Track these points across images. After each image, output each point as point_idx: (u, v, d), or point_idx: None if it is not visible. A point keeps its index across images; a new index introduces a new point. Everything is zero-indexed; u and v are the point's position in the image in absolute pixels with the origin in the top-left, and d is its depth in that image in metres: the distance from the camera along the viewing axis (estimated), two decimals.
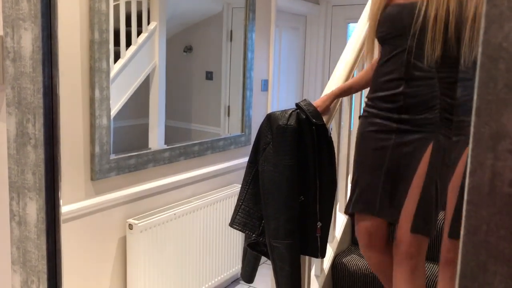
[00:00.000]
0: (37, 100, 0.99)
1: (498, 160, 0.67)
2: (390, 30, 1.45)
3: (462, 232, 0.70)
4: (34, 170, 1.03)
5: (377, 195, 1.47)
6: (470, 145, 0.68)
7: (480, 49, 0.65)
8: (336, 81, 1.83)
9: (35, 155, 1.02)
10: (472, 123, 0.66)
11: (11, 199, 1.12)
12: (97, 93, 2.03)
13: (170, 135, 2.77)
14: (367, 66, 1.67)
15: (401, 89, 1.42)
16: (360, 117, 1.57)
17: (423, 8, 1.35)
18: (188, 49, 3.23)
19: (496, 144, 0.65)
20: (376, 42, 1.54)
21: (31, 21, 0.99)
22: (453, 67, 1.37)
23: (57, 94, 0.99)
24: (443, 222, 1.53)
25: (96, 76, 2.03)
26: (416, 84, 1.40)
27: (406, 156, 1.43)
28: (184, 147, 2.58)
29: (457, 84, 1.37)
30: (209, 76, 3.19)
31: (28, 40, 0.99)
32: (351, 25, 4.02)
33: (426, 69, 1.38)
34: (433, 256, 2.01)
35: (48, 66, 0.98)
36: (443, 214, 1.54)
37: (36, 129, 1.00)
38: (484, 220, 0.67)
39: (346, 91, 1.73)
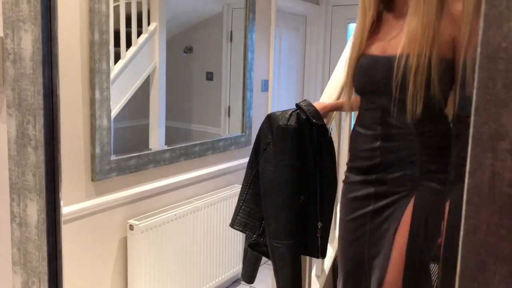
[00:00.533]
0: (37, 101, 0.99)
1: (498, 160, 0.67)
2: (364, 84, 1.35)
3: (461, 232, 0.70)
4: (34, 171, 1.04)
5: (364, 268, 1.38)
6: (470, 145, 0.68)
7: (479, 49, 0.65)
8: (336, 81, 1.83)
9: (36, 156, 1.02)
10: (472, 123, 0.66)
11: (12, 200, 1.12)
12: (97, 94, 2.04)
13: (171, 135, 2.77)
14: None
15: (377, 144, 1.33)
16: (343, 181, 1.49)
17: (403, 62, 1.24)
18: (188, 49, 3.23)
19: (495, 144, 0.66)
20: None
21: (31, 23, 0.99)
22: (436, 120, 1.29)
23: (57, 95, 1.00)
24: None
25: (96, 77, 2.03)
26: (393, 141, 1.31)
27: (387, 219, 1.33)
28: (184, 148, 2.58)
29: (440, 137, 1.29)
30: (209, 76, 3.19)
31: (28, 41, 0.99)
32: (351, 25, 4.02)
33: (404, 126, 1.29)
34: (433, 256, 2.00)
35: (48, 67, 0.99)
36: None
37: (37, 131, 1.00)
38: (483, 220, 0.67)
39: (339, 108, 1.68)
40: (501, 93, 0.63)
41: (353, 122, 2.17)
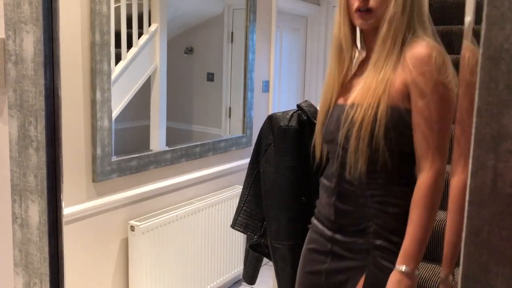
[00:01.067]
0: (38, 102, 0.99)
1: (500, 161, 0.67)
2: (324, 133, 1.27)
3: (464, 233, 0.70)
4: (36, 172, 1.04)
5: None
6: (472, 146, 0.68)
7: (481, 50, 0.65)
8: None
9: (37, 158, 1.02)
10: (474, 124, 0.66)
11: (13, 201, 1.12)
12: (98, 95, 2.04)
13: (172, 136, 2.77)
14: None
15: (332, 201, 1.23)
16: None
17: (352, 112, 1.15)
18: (189, 50, 3.23)
19: (497, 145, 0.65)
20: None
21: (33, 24, 0.99)
22: (390, 181, 1.16)
23: (58, 96, 1.00)
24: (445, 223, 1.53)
25: (97, 78, 2.03)
26: (346, 200, 1.22)
27: (340, 286, 1.25)
28: (185, 149, 2.58)
29: (395, 203, 1.16)
30: (210, 77, 3.19)
31: (29, 43, 0.99)
32: None
33: (355, 183, 1.18)
34: (434, 256, 2.00)
35: (50, 68, 0.99)
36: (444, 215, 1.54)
37: (38, 132, 1.01)
38: (486, 220, 0.67)
39: None
40: (503, 94, 0.63)
41: None
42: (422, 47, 1.11)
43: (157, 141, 2.61)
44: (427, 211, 1.09)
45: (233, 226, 1.59)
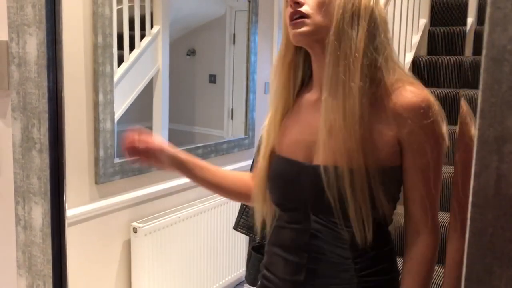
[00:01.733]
0: (42, 105, 0.99)
1: (503, 162, 0.66)
2: (287, 197, 0.99)
3: (467, 235, 0.70)
4: (39, 174, 1.04)
5: None
6: (475, 148, 0.68)
7: (484, 52, 0.65)
8: None
9: (40, 160, 1.02)
10: (477, 126, 0.66)
11: (17, 203, 1.13)
12: (101, 97, 2.04)
13: (174, 138, 2.77)
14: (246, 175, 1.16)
15: (301, 278, 0.99)
16: None
17: (332, 177, 0.90)
18: (191, 52, 3.23)
19: (501, 146, 0.65)
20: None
21: (36, 26, 0.99)
22: (378, 253, 0.97)
23: (62, 99, 1.00)
24: (448, 224, 1.52)
25: (100, 80, 2.04)
26: (324, 277, 0.98)
27: None
28: (187, 150, 2.57)
29: (382, 277, 0.98)
30: (212, 79, 3.20)
31: (33, 45, 1.00)
32: None
33: (340, 257, 0.96)
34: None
35: (53, 71, 0.99)
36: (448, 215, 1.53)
37: (41, 134, 1.01)
38: (489, 222, 0.67)
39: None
40: (507, 95, 0.63)
41: None
42: (415, 94, 0.90)
43: None
44: (428, 280, 0.95)
45: (236, 228, 1.59)
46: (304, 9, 0.91)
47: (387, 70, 0.91)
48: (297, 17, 0.91)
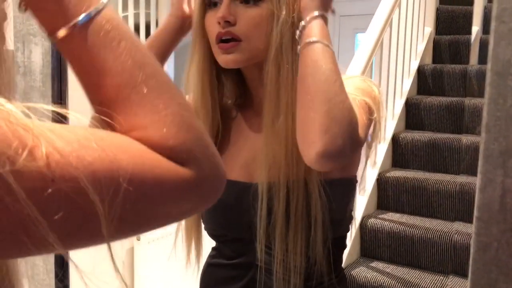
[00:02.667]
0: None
1: (508, 177, 0.66)
2: (227, 227, 0.87)
3: (472, 249, 0.69)
4: None
5: None
6: (480, 162, 0.67)
7: (488, 66, 0.64)
8: None
9: None
10: (482, 140, 0.66)
11: None
12: None
13: None
14: None
15: None
16: None
17: (265, 195, 0.79)
18: None
19: (506, 161, 0.65)
20: None
21: (41, 36, 1.00)
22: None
23: (66, 107, 1.00)
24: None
25: None
26: None
27: None
28: None
29: None
30: None
31: (38, 54, 1.00)
32: (359, 35, 4.03)
33: None
34: (442, 267, 1.99)
35: (58, 80, 0.99)
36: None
37: None
38: (494, 237, 0.66)
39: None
40: None
41: None
42: None
43: None
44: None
45: None
46: (237, 31, 0.76)
47: None
48: (227, 38, 0.76)
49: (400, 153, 2.46)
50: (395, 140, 2.46)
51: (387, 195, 2.29)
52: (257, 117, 0.84)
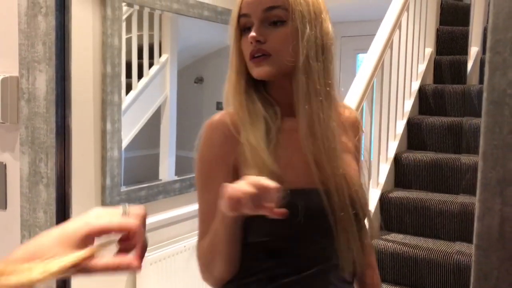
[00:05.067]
0: (50, 140, 1.01)
1: (507, 205, 0.66)
2: (298, 236, 0.88)
3: (472, 278, 0.69)
4: (45, 208, 1.05)
5: None
6: (478, 190, 0.68)
7: (484, 95, 0.65)
8: None
9: (47, 194, 1.03)
10: (479, 168, 0.66)
11: (23, 237, 1.13)
12: (108, 125, 2.06)
13: (181, 165, 2.78)
14: None
15: None
16: None
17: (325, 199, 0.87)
18: (199, 80, 3.27)
19: (503, 189, 0.65)
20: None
21: (46, 63, 1.02)
22: None
23: (69, 134, 1.01)
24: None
25: (108, 109, 2.06)
26: None
27: None
28: (194, 178, 2.59)
29: None
30: (219, 106, 3.22)
31: (42, 81, 1.02)
32: (360, 55, 4.05)
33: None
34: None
35: (61, 106, 1.01)
36: None
37: (49, 168, 1.02)
38: (494, 265, 0.66)
39: None
40: (508, 139, 0.63)
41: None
42: (353, 110, 1.06)
43: (166, 170, 2.62)
44: None
45: None
46: (267, 47, 0.88)
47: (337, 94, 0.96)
48: (259, 55, 0.89)
49: (402, 173, 2.46)
50: (397, 160, 2.46)
51: (390, 215, 2.28)
52: (295, 120, 0.91)
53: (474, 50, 2.85)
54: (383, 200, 2.30)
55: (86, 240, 0.54)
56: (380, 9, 2.46)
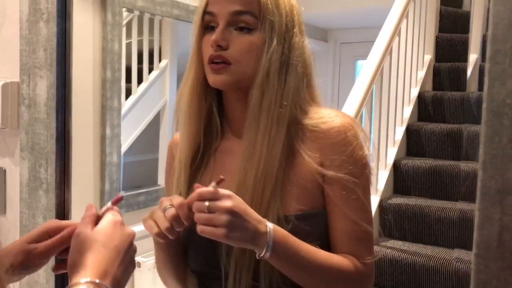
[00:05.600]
0: (50, 145, 1.01)
1: (506, 214, 0.66)
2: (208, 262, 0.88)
3: (472, 287, 0.69)
4: (45, 214, 1.05)
5: None
6: (477, 199, 0.68)
7: (484, 105, 0.66)
8: None
9: (47, 200, 1.04)
10: (479, 177, 0.67)
11: None
12: (108, 131, 2.06)
13: None
14: None
15: None
16: None
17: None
18: None
19: (503, 198, 0.66)
20: None
21: (47, 69, 1.02)
22: None
23: (69, 140, 1.02)
24: None
25: (107, 114, 2.06)
26: None
27: None
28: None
29: None
30: None
31: (43, 87, 1.02)
32: (360, 62, 4.07)
33: None
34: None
35: (62, 112, 1.01)
36: None
37: (48, 174, 1.02)
38: (493, 274, 0.67)
39: None
40: (507, 148, 0.63)
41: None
42: (333, 120, 0.84)
43: None
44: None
45: None
46: (228, 54, 0.80)
47: (310, 110, 0.85)
48: (218, 61, 0.81)
49: (401, 180, 2.46)
50: (396, 166, 2.46)
51: (389, 222, 2.29)
52: (238, 141, 0.85)
53: (473, 57, 2.86)
54: (382, 207, 2.30)
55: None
56: (379, 16, 2.47)
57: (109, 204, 0.68)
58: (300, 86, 0.84)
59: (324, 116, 0.84)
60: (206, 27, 0.83)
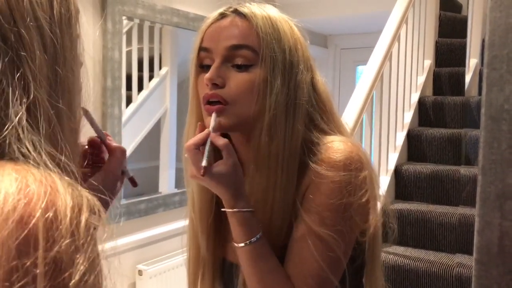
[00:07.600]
0: None
1: (506, 219, 0.66)
2: None
3: None
4: None
5: None
6: (477, 205, 0.68)
7: (482, 110, 0.66)
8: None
9: None
10: (478, 183, 0.67)
11: None
12: None
13: (181, 177, 2.78)
14: None
15: None
16: None
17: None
18: None
19: (503, 204, 0.65)
20: None
21: None
22: None
23: None
24: None
25: (108, 122, 2.07)
26: None
27: None
28: None
29: None
30: None
31: None
32: (360, 67, 4.07)
33: None
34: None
35: None
36: None
37: None
38: (494, 279, 0.66)
39: None
40: (506, 153, 0.63)
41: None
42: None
43: (166, 183, 2.62)
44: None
45: None
46: (225, 93, 0.73)
47: (319, 148, 0.76)
48: (214, 101, 0.73)
49: (402, 185, 2.45)
50: (397, 172, 2.46)
51: (391, 228, 2.28)
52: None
53: (473, 62, 2.86)
54: (384, 213, 2.29)
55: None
56: (379, 22, 2.48)
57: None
58: (309, 127, 0.76)
59: (331, 160, 0.75)
60: (202, 65, 0.76)
